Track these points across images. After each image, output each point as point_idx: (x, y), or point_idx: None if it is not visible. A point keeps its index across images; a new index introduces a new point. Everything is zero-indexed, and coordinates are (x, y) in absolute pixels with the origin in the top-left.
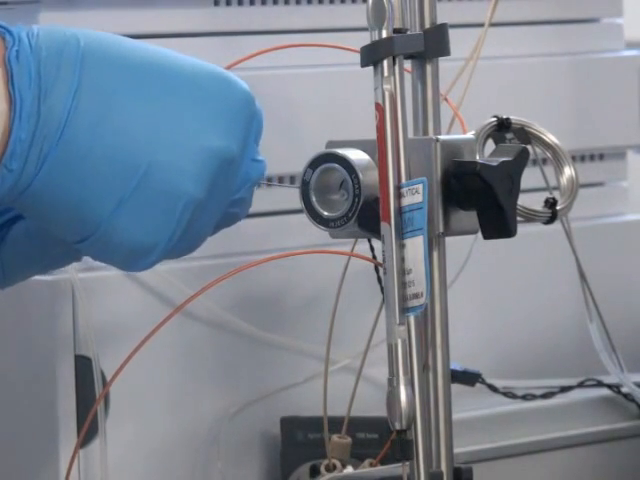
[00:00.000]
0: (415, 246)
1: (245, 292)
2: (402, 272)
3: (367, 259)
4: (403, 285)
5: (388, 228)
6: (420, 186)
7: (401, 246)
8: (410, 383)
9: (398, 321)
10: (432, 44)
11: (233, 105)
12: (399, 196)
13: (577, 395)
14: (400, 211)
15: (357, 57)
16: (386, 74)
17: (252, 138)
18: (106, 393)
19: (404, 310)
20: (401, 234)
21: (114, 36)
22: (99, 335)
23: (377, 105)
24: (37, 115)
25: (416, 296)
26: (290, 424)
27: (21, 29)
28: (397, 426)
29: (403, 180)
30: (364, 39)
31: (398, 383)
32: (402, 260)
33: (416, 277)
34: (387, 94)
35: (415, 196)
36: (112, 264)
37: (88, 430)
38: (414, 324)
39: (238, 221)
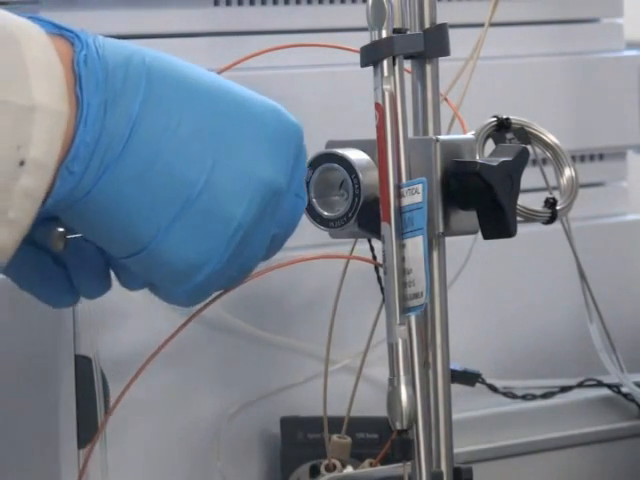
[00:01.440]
0: (415, 246)
1: (245, 292)
2: (402, 272)
3: (367, 260)
4: (403, 285)
5: (388, 228)
6: (420, 186)
7: (401, 246)
8: (411, 383)
9: (398, 321)
10: (432, 44)
11: (286, 137)
12: (399, 196)
13: (577, 395)
14: (400, 211)
15: (357, 57)
16: (386, 74)
17: (299, 172)
18: (106, 392)
19: (404, 310)
20: (401, 234)
21: (173, 57)
22: (99, 335)
23: (377, 105)
24: (102, 122)
25: (416, 296)
26: (290, 424)
27: (88, 36)
28: (398, 426)
29: (403, 180)
30: (364, 39)
31: (399, 383)
32: (402, 260)
33: (416, 277)
34: (387, 94)
35: (415, 196)
36: (156, 282)
37: (88, 430)
38: (414, 324)
39: (267, 259)
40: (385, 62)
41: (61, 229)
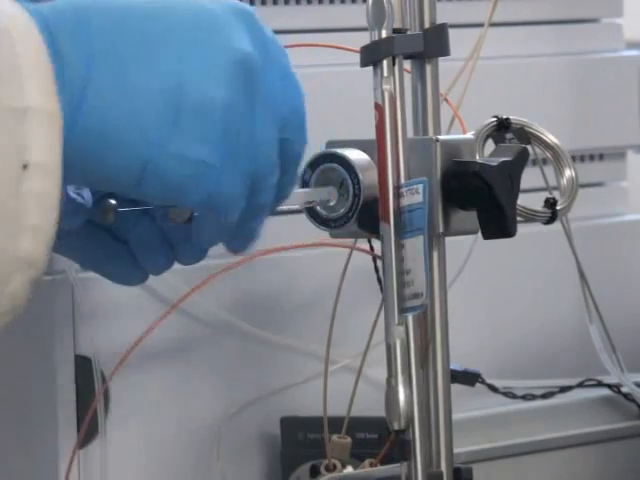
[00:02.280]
0: (415, 246)
1: (245, 292)
2: (401, 272)
3: (366, 251)
4: (402, 285)
5: (387, 228)
6: (420, 186)
7: (400, 246)
8: (409, 383)
9: (397, 321)
10: (432, 44)
11: (239, 16)
12: (399, 196)
13: (577, 395)
14: (400, 211)
15: (357, 57)
16: (386, 74)
17: (274, 50)
18: (106, 392)
19: (403, 310)
20: (401, 234)
21: None
22: (99, 335)
23: (377, 105)
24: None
25: (416, 296)
26: (290, 424)
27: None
28: (395, 426)
29: (402, 180)
30: (364, 39)
31: (397, 383)
32: (401, 260)
33: (416, 277)
34: (387, 94)
35: (415, 196)
36: (178, 196)
37: (88, 430)
38: (413, 324)
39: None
40: (385, 62)
41: (112, 201)
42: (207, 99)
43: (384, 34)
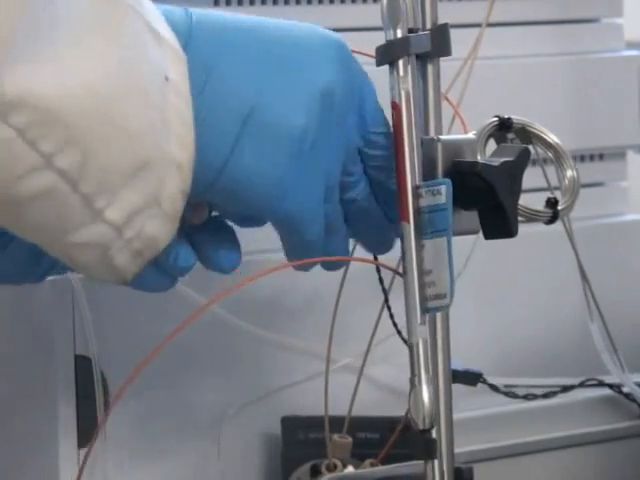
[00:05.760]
0: (436, 247)
1: (245, 291)
2: (421, 272)
3: (390, 269)
4: (422, 285)
5: (408, 228)
6: (443, 187)
7: (420, 247)
8: (432, 382)
9: (420, 321)
10: (436, 44)
11: (325, 46)
12: (417, 196)
13: (578, 395)
14: (419, 211)
15: (357, 57)
16: (402, 74)
17: (358, 78)
18: (106, 391)
19: (425, 310)
20: (421, 235)
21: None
22: (99, 335)
23: (394, 104)
24: None
25: (438, 297)
26: (291, 423)
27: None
28: (420, 426)
29: (417, 180)
30: (364, 39)
31: (420, 382)
32: (421, 260)
33: (437, 278)
34: (404, 93)
35: (436, 197)
36: (249, 210)
37: (88, 430)
38: (439, 323)
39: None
40: (401, 62)
41: None
42: (282, 126)
43: (399, 34)
